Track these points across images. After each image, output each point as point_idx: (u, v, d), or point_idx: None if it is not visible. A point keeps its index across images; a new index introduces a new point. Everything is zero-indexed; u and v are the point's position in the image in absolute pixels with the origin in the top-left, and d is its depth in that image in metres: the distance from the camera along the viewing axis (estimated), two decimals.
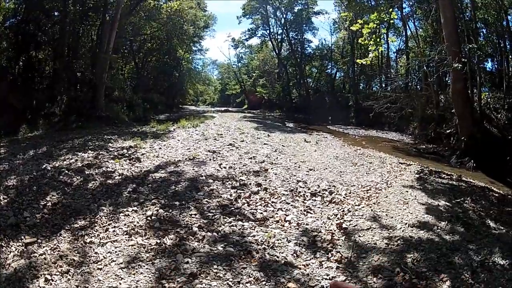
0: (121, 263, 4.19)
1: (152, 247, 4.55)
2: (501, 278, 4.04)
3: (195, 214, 5.61)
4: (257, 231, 5.20)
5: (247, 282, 3.97)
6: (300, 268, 4.33)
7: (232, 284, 3.93)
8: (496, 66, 20.61)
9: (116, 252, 4.45)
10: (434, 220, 5.59)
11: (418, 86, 24.48)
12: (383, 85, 27.11)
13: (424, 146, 16.83)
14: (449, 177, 9.12)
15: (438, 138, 16.45)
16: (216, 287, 3.84)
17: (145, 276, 3.97)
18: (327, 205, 6.52)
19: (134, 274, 4.00)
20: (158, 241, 4.69)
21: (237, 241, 4.85)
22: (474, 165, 11.81)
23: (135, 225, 5.14)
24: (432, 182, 8.21)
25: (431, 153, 14.91)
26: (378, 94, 19.06)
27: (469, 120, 12.84)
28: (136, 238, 4.80)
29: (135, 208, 5.73)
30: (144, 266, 4.15)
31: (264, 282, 4.00)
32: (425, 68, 17.48)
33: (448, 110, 15.80)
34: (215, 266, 4.19)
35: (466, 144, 12.67)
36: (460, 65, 10.35)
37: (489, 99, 16.69)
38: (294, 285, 3.97)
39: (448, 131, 15.48)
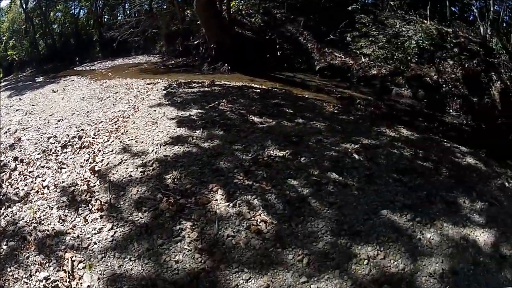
0: None
1: None
2: (286, 170, 4.06)
3: None
4: (24, 211, 4.43)
5: (36, 271, 3.49)
6: (69, 233, 3.89)
7: (26, 279, 3.43)
8: None
9: None
10: (188, 132, 5.48)
11: (165, 6, 24.19)
12: (128, 12, 25.90)
13: (173, 62, 16.60)
14: (200, 84, 9.20)
15: (187, 51, 16.65)
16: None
17: None
18: (78, 153, 5.86)
19: None
20: None
21: (14, 231, 4.06)
22: (229, 68, 12.36)
23: None
24: (181, 94, 8.07)
25: (181, 66, 14.78)
26: (119, 22, 18.22)
27: (216, 29, 13.26)
28: None
29: None
30: None
31: (48, 264, 3.56)
32: None
33: (194, 23, 16.09)
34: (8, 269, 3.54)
35: (216, 50, 13.20)
36: None
37: (240, 7, 17.24)
38: (71, 254, 3.61)
39: (196, 42, 15.88)
